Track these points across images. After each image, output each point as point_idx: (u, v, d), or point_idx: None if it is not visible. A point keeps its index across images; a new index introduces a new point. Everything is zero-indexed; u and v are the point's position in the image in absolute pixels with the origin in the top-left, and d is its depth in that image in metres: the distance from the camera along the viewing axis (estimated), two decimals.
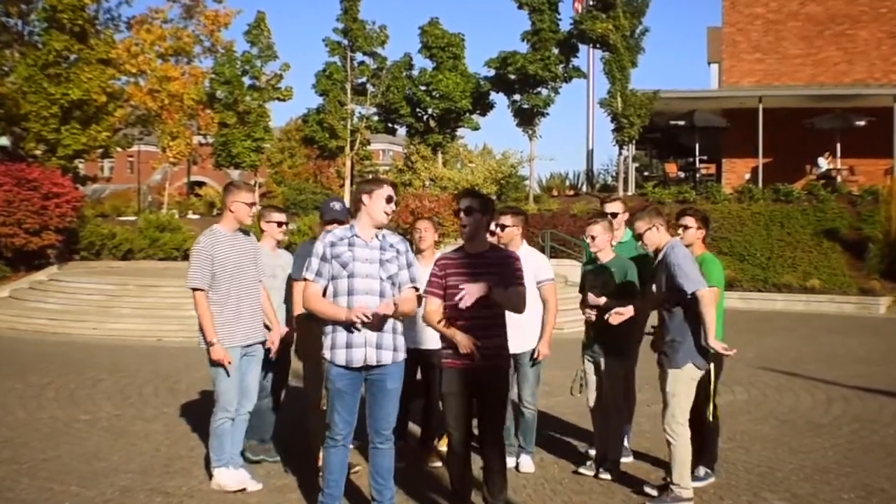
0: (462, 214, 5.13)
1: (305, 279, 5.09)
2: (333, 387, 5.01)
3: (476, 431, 5.36)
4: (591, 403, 6.43)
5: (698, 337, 5.61)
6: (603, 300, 6.09)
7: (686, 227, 6.06)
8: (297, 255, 6.44)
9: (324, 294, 5.04)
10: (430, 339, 6.32)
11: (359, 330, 4.91)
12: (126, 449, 7.12)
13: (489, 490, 5.13)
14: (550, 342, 6.43)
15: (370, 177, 4.95)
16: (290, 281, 6.44)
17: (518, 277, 5.15)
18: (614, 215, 6.63)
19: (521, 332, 6.05)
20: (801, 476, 6.42)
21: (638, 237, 5.84)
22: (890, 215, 21.46)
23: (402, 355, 5.09)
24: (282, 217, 6.90)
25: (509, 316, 5.22)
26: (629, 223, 6.52)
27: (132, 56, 31.21)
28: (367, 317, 4.82)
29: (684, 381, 5.62)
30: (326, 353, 5.02)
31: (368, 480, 5.26)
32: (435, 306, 5.11)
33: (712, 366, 5.93)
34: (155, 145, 36.92)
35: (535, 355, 6.35)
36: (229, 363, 5.75)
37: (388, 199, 5.05)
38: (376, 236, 5.09)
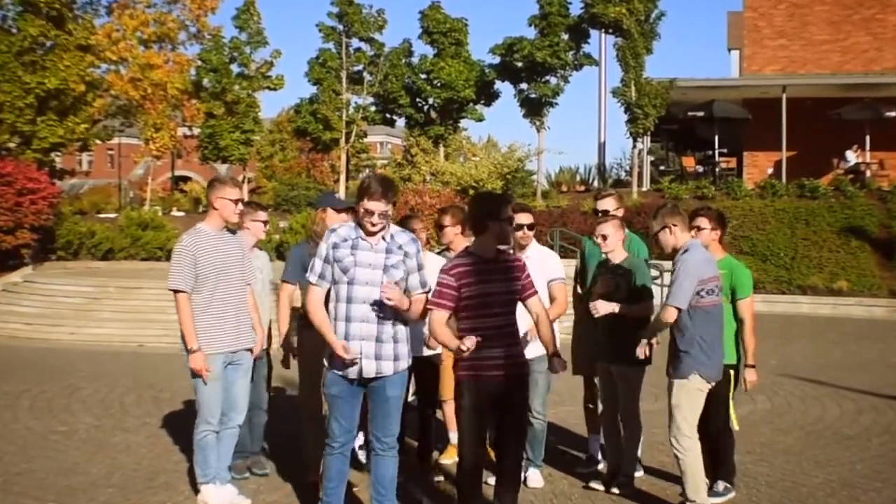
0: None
1: (309, 282, 5.14)
2: (329, 392, 5.12)
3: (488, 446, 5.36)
4: (600, 412, 6.45)
5: (709, 347, 5.61)
6: (617, 307, 6.08)
7: (699, 229, 6.05)
8: (291, 256, 6.46)
9: (327, 297, 5.11)
10: (424, 345, 6.40)
11: (354, 340, 4.99)
12: (106, 462, 7.12)
13: None
14: (553, 338, 6.49)
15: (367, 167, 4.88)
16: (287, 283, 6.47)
17: (531, 280, 5.20)
18: (605, 213, 6.60)
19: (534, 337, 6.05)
20: (828, 491, 6.41)
21: (654, 238, 5.84)
22: None
23: (403, 364, 5.14)
24: (265, 216, 6.89)
25: (520, 320, 5.26)
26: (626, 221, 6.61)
27: (113, 42, 31.23)
28: (354, 361, 4.96)
29: (689, 392, 5.62)
30: (326, 360, 5.14)
31: (369, 492, 5.27)
32: (443, 318, 5.05)
33: (732, 373, 5.95)
34: (137, 138, 36.93)
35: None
36: (207, 373, 5.73)
37: (368, 213, 5.03)
38: (383, 237, 5.10)
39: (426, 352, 6.55)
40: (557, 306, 6.37)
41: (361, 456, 6.72)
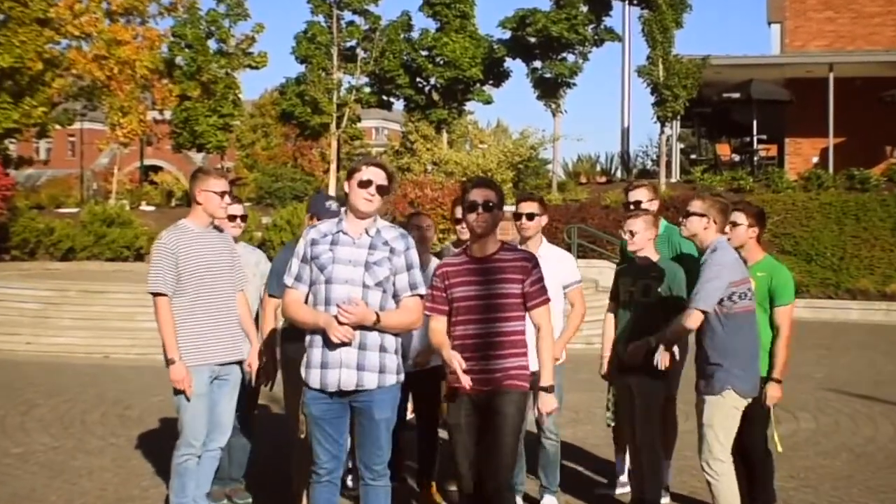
0: (481, 210, 4.98)
1: (285, 285, 5.05)
2: (309, 412, 5.02)
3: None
4: (623, 432, 6.45)
5: (744, 359, 5.58)
6: (667, 358, 6.00)
7: (735, 225, 6.00)
8: (276, 264, 6.31)
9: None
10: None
11: (334, 347, 4.87)
12: (66, 488, 7.12)
13: None
14: (564, 347, 6.45)
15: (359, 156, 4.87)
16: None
17: (541, 286, 5.07)
18: (637, 204, 6.58)
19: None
20: None
21: (685, 214, 5.74)
22: None
23: (391, 378, 4.98)
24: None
25: (529, 330, 5.21)
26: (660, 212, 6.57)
27: (75, 15, 31.27)
28: (347, 337, 4.80)
29: (723, 409, 5.58)
30: (302, 372, 5.03)
31: None
32: (440, 325, 5.10)
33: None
34: (101, 122, 37.00)
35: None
36: (190, 388, 5.68)
37: (364, 184, 4.95)
38: (367, 231, 5.03)
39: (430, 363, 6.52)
40: (576, 314, 6.49)
41: (350, 481, 6.72)
